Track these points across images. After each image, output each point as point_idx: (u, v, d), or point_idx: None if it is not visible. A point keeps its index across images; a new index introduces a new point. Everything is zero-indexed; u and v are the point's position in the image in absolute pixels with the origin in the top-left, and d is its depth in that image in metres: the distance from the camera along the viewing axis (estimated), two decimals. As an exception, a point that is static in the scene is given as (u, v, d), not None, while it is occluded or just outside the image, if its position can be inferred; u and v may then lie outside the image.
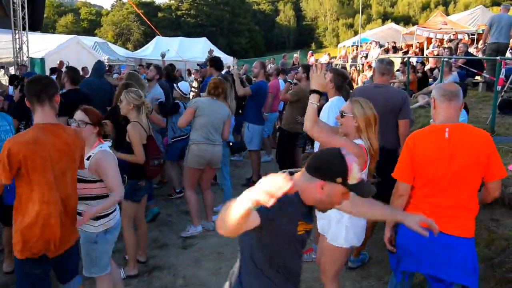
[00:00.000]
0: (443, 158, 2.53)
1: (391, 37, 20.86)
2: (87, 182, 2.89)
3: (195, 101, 4.90)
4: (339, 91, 4.12)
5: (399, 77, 10.23)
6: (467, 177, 2.52)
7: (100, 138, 3.07)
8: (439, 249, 2.52)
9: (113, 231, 3.05)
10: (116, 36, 63.05)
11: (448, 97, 2.62)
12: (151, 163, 3.97)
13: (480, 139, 2.54)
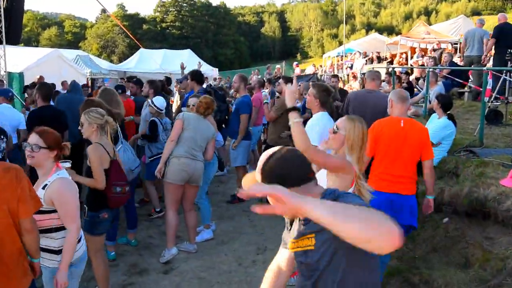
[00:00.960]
0: (399, 140, 3.58)
1: (375, 47, 20.96)
2: (45, 213, 2.59)
3: (182, 114, 4.68)
4: (324, 107, 3.96)
5: (384, 87, 10.13)
6: (412, 156, 3.60)
7: (58, 163, 2.76)
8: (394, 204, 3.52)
9: (78, 264, 2.80)
10: (101, 48, 62.68)
11: (402, 99, 3.74)
12: (113, 189, 3.58)
13: (422, 130, 3.71)
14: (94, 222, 3.55)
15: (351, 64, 17.26)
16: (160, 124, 5.44)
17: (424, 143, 3.61)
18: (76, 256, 2.75)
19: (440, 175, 5.03)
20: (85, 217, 3.45)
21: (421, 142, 3.58)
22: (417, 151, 3.59)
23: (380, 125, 3.69)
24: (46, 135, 2.69)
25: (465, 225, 4.12)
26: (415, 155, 3.59)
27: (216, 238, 5.29)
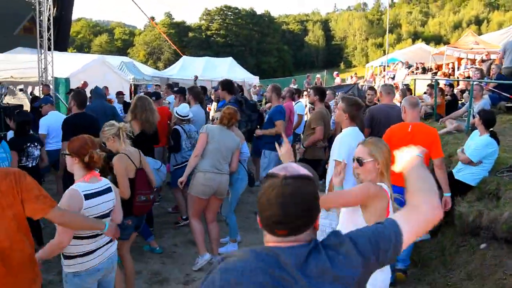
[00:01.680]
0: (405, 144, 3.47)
1: (421, 57, 20.31)
2: None
3: (206, 126, 4.64)
4: (354, 121, 3.79)
5: (426, 100, 9.73)
6: None
7: (92, 172, 2.78)
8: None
9: (83, 277, 2.71)
10: (148, 55, 64.54)
11: (413, 105, 4.20)
12: (138, 198, 3.65)
13: (429, 133, 4.08)
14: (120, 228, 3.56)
15: (393, 74, 16.76)
16: (184, 132, 5.43)
17: (431, 143, 3.93)
18: (80, 268, 2.70)
19: (479, 197, 4.71)
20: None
21: (427, 143, 3.83)
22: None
23: (391, 131, 4.19)
24: (71, 142, 2.79)
25: (503, 253, 3.82)
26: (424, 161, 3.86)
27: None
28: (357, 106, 3.79)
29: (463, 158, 4.97)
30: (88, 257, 2.72)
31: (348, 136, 3.67)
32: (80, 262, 2.69)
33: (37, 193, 2.33)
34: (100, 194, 2.77)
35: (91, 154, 2.72)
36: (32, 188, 2.31)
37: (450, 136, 7.15)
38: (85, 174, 2.75)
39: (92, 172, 2.79)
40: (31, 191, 2.30)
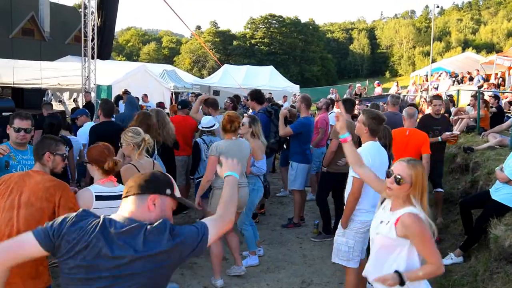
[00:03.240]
0: (403, 144, 5.10)
1: (469, 66, 19.47)
2: None
3: (216, 147, 4.45)
4: (374, 135, 3.62)
5: (469, 112, 9.24)
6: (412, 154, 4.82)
7: (109, 176, 3.01)
8: None
9: None
10: (193, 63, 65.90)
11: (410, 115, 5.53)
12: None
13: (421, 137, 5.35)
14: None
15: (437, 84, 16.13)
16: (204, 143, 5.39)
17: (422, 143, 5.30)
18: None
19: (518, 219, 4.37)
20: None
21: (420, 143, 5.29)
22: (417, 153, 5.21)
23: (393, 133, 4.78)
24: (89, 151, 3.10)
25: (541, 284, 3.49)
26: (415, 156, 4.95)
27: (263, 264, 5.09)
28: (379, 120, 3.61)
29: (502, 176, 4.64)
30: None
31: (366, 151, 3.50)
32: None
33: (71, 206, 2.73)
34: (113, 198, 2.91)
35: (110, 162, 2.98)
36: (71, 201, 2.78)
37: (492, 151, 6.72)
38: (102, 178, 2.99)
39: (110, 177, 3.02)
40: (68, 201, 2.75)
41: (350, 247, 3.61)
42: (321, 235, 5.82)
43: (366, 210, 3.55)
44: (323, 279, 4.74)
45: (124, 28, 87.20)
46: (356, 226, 3.58)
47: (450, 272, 4.56)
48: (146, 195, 1.85)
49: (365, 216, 3.56)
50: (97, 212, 2.69)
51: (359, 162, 2.97)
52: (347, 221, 3.58)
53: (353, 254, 3.64)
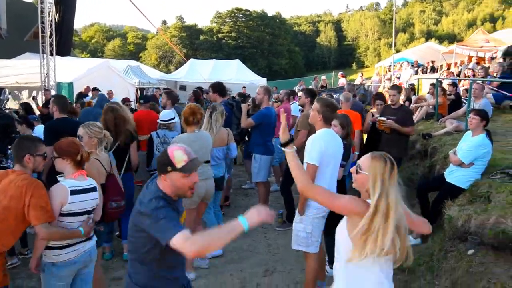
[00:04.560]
0: None
1: (430, 56, 19.98)
2: None
3: (177, 140, 4.39)
4: (328, 123, 3.66)
5: (428, 99, 9.49)
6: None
7: (80, 170, 3.00)
8: None
9: (60, 267, 2.90)
10: (159, 58, 64.95)
11: (346, 99, 6.45)
12: (109, 205, 3.59)
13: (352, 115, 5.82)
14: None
15: (400, 74, 16.48)
16: (157, 137, 5.33)
17: (354, 122, 5.66)
18: (58, 259, 2.89)
19: (470, 200, 4.52)
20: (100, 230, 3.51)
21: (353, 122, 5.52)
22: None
23: None
24: (58, 145, 3.02)
25: (490, 260, 3.63)
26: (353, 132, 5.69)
27: (227, 255, 5.10)
28: (332, 107, 3.66)
29: (454, 160, 4.80)
30: (66, 250, 2.91)
31: (320, 138, 3.54)
32: (58, 254, 2.89)
33: (43, 204, 2.74)
34: (85, 192, 2.98)
35: (84, 153, 3.00)
36: (44, 199, 2.77)
37: (449, 137, 6.93)
38: (74, 172, 2.97)
39: (81, 171, 3.02)
40: (40, 200, 2.74)
41: (308, 232, 3.65)
42: (285, 224, 5.87)
43: (322, 196, 3.58)
44: (287, 267, 4.79)
45: (87, 25, 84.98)
46: (313, 212, 3.62)
47: (409, 254, 4.68)
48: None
49: (321, 201, 3.60)
50: (73, 206, 2.86)
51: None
52: (304, 207, 3.62)
53: (311, 240, 3.68)
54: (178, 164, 2.20)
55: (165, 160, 2.24)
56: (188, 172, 2.23)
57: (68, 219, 2.88)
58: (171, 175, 2.21)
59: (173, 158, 2.22)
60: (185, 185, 2.23)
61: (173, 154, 2.23)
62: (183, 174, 2.21)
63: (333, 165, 3.68)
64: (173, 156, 2.23)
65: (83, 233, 2.92)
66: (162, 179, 2.25)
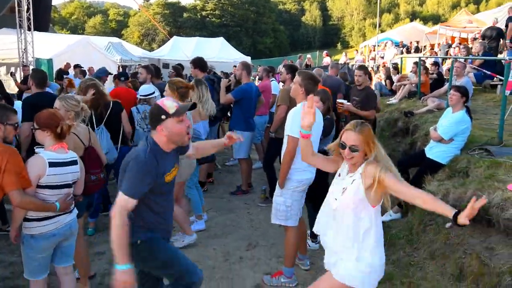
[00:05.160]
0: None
1: (415, 36, 20.04)
2: None
3: None
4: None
5: (411, 78, 9.57)
6: None
7: (61, 143, 2.96)
8: None
9: (39, 239, 2.88)
10: (142, 36, 63.66)
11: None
12: (88, 178, 3.55)
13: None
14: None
15: (384, 53, 16.53)
16: (138, 113, 5.28)
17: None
18: (35, 231, 2.86)
19: (449, 175, 4.63)
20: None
21: None
22: None
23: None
24: (39, 115, 2.96)
25: (467, 232, 3.72)
26: None
27: (210, 230, 5.12)
28: (313, 80, 3.64)
29: (435, 136, 4.87)
30: (45, 222, 2.89)
31: (299, 112, 3.53)
32: (36, 226, 2.87)
33: (18, 170, 2.71)
34: (65, 165, 2.94)
35: (64, 125, 2.93)
36: (19, 166, 2.73)
37: (431, 115, 7.02)
38: (54, 145, 2.93)
39: (61, 144, 2.98)
40: (15, 166, 2.70)
41: (288, 206, 3.68)
42: (268, 200, 5.88)
43: (302, 169, 3.61)
44: (269, 241, 4.84)
45: (67, 0, 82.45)
46: (293, 185, 3.64)
47: (389, 228, 4.79)
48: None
49: (301, 174, 3.62)
50: (51, 178, 2.83)
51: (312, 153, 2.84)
52: (284, 180, 3.63)
53: (291, 213, 3.71)
54: (171, 110, 2.36)
55: (158, 111, 2.41)
56: (182, 115, 2.40)
57: (46, 192, 2.85)
58: (166, 123, 2.38)
59: (165, 106, 2.38)
60: (181, 130, 2.41)
61: (163, 103, 2.42)
62: (177, 119, 2.38)
63: (312, 139, 3.67)
64: (164, 105, 2.40)
65: (58, 209, 2.88)
66: (159, 131, 2.41)
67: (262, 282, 3.97)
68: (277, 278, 3.90)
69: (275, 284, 3.88)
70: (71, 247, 3.16)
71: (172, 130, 2.39)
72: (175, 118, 2.38)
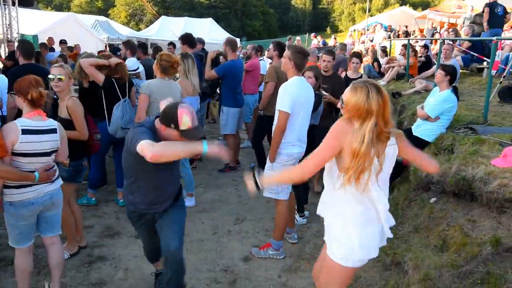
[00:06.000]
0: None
1: (404, 21, 20.04)
2: None
3: (147, 85, 4.38)
4: (299, 70, 3.67)
5: (399, 60, 9.62)
6: None
7: (37, 110, 2.90)
8: None
9: (17, 207, 2.87)
10: (129, 16, 62.46)
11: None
12: (94, 137, 3.82)
13: None
14: (77, 171, 3.81)
15: (373, 37, 16.54)
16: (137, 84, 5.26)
17: None
18: (16, 198, 2.85)
19: (435, 152, 4.70)
20: (67, 168, 3.48)
21: None
22: None
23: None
24: (17, 82, 2.92)
25: (451, 206, 3.82)
26: None
27: (199, 206, 5.16)
28: (303, 54, 3.65)
29: (422, 114, 4.94)
30: (23, 190, 2.86)
31: (292, 85, 3.55)
32: (15, 193, 2.85)
33: None
34: (41, 133, 2.89)
35: (33, 92, 2.85)
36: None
37: (418, 95, 7.10)
38: (29, 112, 2.88)
39: (38, 111, 2.91)
40: None
41: None
42: (256, 176, 5.94)
43: (292, 143, 3.65)
44: (257, 216, 4.90)
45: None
46: (283, 159, 3.67)
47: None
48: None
49: (291, 148, 3.66)
50: (25, 146, 2.79)
51: None
52: (275, 154, 3.66)
53: (282, 187, 3.76)
54: (182, 127, 2.39)
55: (172, 117, 2.42)
56: (187, 138, 2.43)
57: (20, 159, 2.81)
58: (171, 130, 2.44)
59: (180, 120, 2.39)
60: (177, 139, 2.45)
61: (182, 116, 2.40)
62: (182, 136, 2.42)
63: (303, 114, 3.70)
64: (181, 118, 2.40)
65: (37, 179, 2.85)
66: (162, 127, 2.50)
67: (250, 254, 4.03)
68: (265, 250, 3.97)
69: (263, 256, 3.95)
70: (55, 217, 3.15)
71: (171, 137, 2.46)
72: (181, 134, 2.42)
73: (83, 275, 3.66)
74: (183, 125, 2.39)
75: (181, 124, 2.39)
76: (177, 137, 2.45)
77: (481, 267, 2.83)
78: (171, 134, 2.46)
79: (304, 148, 3.80)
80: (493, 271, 2.70)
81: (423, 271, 3.08)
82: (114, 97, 4.66)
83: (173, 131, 2.44)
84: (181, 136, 2.43)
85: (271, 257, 3.94)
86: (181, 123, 2.39)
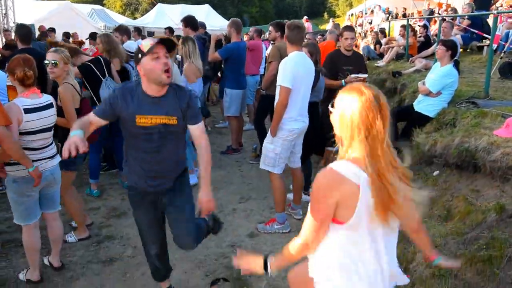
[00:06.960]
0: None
1: (402, 3, 19.88)
2: None
3: None
4: (298, 45, 3.68)
5: (399, 41, 9.59)
6: None
7: (31, 88, 2.94)
8: None
9: (20, 183, 2.93)
10: (125, 6, 61.91)
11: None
12: None
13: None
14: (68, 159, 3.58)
15: (371, 19, 16.45)
16: (133, 69, 5.24)
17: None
18: (19, 174, 2.90)
19: (437, 127, 4.74)
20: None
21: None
22: None
23: None
24: (11, 61, 2.95)
25: (454, 178, 3.86)
26: None
27: (202, 186, 5.19)
28: (298, 29, 3.66)
29: (423, 89, 4.95)
30: (18, 166, 2.88)
31: (292, 60, 3.56)
32: (17, 169, 2.89)
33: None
34: (40, 110, 2.94)
35: (19, 72, 2.88)
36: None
37: (418, 74, 7.10)
38: (25, 91, 2.92)
39: (32, 89, 2.96)
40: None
41: (277, 153, 3.77)
42: (259, 157, 5.94)
43: (294, 119, 3.68)
44: (261, 195, 4.94)
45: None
46: (284, 134, 3.71)
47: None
48: None
49: (292, 124, 3.69)
50: (29, 124, 2.83)
51: None
52: (276, 129, 3.69)
53: (278, 161, 3.80)
54: (146, 48, 2.34)
55: (137, 52, 2.43)
56: (156, 52, 2.33)
57: (26, 137, 2.87)
58: (142, 62, 2.36)
59: (141, 46, 2.39)
60: (154, 66, 2.31)
61: (141, 44, 2.42)
62: (152, 56, 2.32)
63: (304, 89, 3.72)
64: (141, 45, 2.40)
65: (31, 171, 2.83)
66: (139, 72, 2.42)
67: (256, 230, 4.08)
68: (271, 225, 4.01)
69: (269, 231, 4.00)
70: (55, 193, 3.24)
71: (146, 67, 2.34)
72: (150, 55, 2.32)
73: (92, 254, 3.71)
74: (146, 46, 2.35)
75: (144, 48, 2.35)
76: (150, 63, 2.32)
77: (485, 233, 2.87)
78: (145, 65, 2.34)
79: (307, 122, 3.83)
80: (498, 236, 2.74)
81: (429, 240, 3.12)
82: (97, 81, 4.55)
83: (144, 60, 2.34)
84: (153, 58, 2.32)
85: (277, 231, 3.98)
86: (144, 47, 2.35)
